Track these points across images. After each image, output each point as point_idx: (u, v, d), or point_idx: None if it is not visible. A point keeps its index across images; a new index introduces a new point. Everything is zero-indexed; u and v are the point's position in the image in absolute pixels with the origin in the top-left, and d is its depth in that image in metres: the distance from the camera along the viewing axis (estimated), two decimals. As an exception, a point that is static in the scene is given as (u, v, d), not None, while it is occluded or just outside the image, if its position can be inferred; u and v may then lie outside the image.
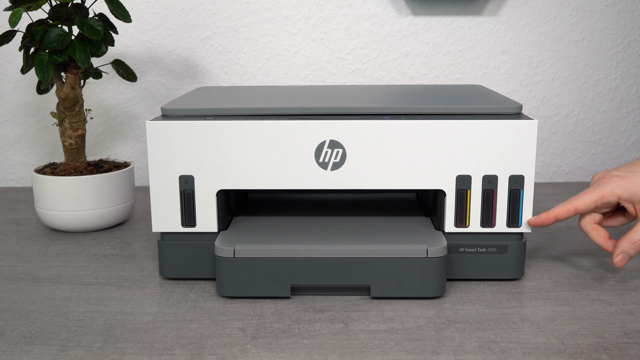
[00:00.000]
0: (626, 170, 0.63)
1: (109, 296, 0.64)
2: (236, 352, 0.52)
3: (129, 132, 1.09)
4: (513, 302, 0.61)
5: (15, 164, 1.11)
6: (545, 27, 1.05)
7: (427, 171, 0.62)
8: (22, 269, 0.71)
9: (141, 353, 0.52)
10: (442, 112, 0.63)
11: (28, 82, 1.07)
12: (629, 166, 0.64)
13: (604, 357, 0.50)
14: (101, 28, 0.77)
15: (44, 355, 0.52)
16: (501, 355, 0.51)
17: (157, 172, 0.63)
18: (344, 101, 0.68)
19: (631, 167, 0.63)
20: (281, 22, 1.04)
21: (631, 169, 0.63)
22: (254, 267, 0.61)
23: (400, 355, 0.51)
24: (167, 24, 1.05)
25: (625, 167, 0.64)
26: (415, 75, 1.06)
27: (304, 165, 0.62)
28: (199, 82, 1.07)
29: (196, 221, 0.64)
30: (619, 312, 0.59)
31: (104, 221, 0.84)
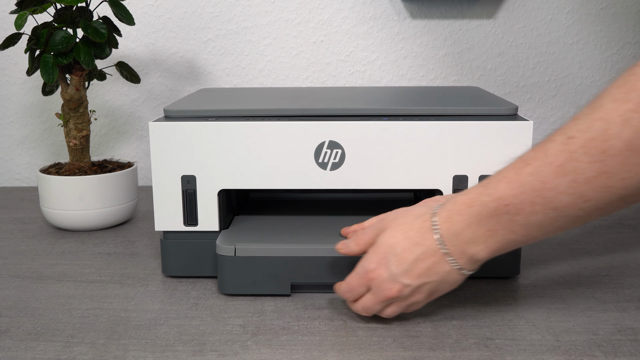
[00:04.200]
0: (443, 198, 0.59)
1: (112, 294, 0.64)
2: (237, 349, 0.53)
3: (132, 133, 1.10)
4: (509, 300, 0.61)
5: (21, 164, 1.12)
6: (541, 30, 1.05)
7: (424, 171, 0.63)
8: (27, 267, 0.72)
9: (144, 349, 0.53)
10: (439, 113, 0.64)
11: (33, 83, 1.08)
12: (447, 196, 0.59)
13: (597, 354, 0.51)
14: (105, 31, 0.78)
15: (49, 352, 0.52)
16: (497, 352, 0.51)
17: (159, 172, 0.64)
18: (343, 102, 0.69)
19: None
20: (282, 25, 1.05)
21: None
22: (255, 265, 0.62)
23: (398, 351, 0.52)
24: (170, 26, 1.06)
25: (443, 196, 0.61)
26: (414, 77, 1.07)
27: (304, 166, 0.63)
28: (201, 84, 1.08)
29: (198, 220, 0.65)
30: (613, 309, 0.59)
31: (107, 220, 0.85)
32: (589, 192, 0.44)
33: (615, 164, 0.42)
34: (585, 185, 0.44)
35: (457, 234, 0.50)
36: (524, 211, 0.47)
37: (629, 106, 0.41)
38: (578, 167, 0.43)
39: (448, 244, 0.51)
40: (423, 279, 0.52)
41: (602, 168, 0.43)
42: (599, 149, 0.42)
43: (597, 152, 0.42)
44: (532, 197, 0.46)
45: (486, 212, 0.48)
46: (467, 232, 0.50)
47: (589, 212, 0.45)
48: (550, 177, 0.45)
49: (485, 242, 0.50)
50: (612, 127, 0.41)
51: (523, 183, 0.46)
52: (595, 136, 0.42)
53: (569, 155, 0.44)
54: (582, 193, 0.44)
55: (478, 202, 0.49)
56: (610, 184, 0.43)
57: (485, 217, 0.48)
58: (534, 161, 0.46)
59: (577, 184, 0.44)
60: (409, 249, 0.52)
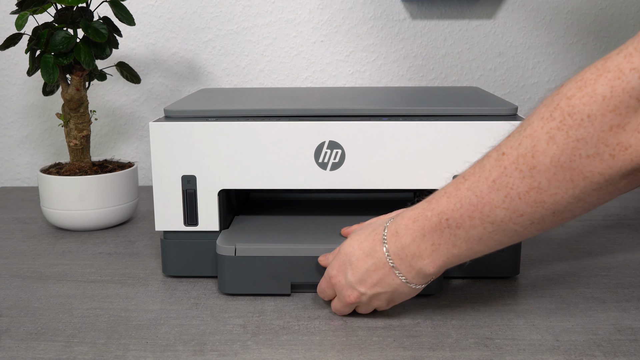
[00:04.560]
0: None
1: (112, 293, 0.64)
2: (237, 349, 0.53)
3: (132, 133, 1.10)
4: (508, 300, 0.62)
5: (21, 164, 1.12)
6: (540, 30, 1.06)
7: (424, 171, 0.63)
8: (28, 267, 0.72)
9: (144, 349, 0.53)
10: (439, 113, 0.64)
11: (34, 84, 1.08)
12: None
13: (597, 354, 0.51)
14: (105, 31, 0.78)
15: (49, 351, 0.53)
16: (496, 352, 0.52)
17: (160, 172, 0.64)
18: (343, 102, 0.69)
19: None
20: (282, 25, 1.05)
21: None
22: (255, 265, 0.62)
23: (397, 351, 0.52)
24: (171, 26, 1.06)
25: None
26: (413, 77, 1.07)
27: (304, 166, 0.63)
28: (202, 84, 1.08)
29: (198, 220, 0.65)
30: (612, 309, 0.59)
31: (108, 220, 0.85)
32: (522, 206, 0.45)
33: (544, 180, 0.43)
34: (518, 200, 0.45)
35: (403, 248, 0.51)
36: (464, 225, 0.48)
37: (554, 124, 0.42)
38: (510, 183, 0.45)
39: (394, 257, 0.52)
40: (377, 288, 0.54)
41: (533, 183, 0.44)
42: (528, 165, 0.44)
43: (527, 168, 0.44)
44: (470, 211, 0.47)
45: (429, 227, 0.50)
46: (412, 246, 0.51)
47: (525, 226, 0.46)
48: (485, 192, 0.46)
49: (430, 256, 0.51)
50: (539, 144, 0.43)
51: (461, 198, 0.48)
52: (524, 152, 0.44)
53: (502, 171, 0.45)
54: (516, 208, 0.45)
55: (422, 216, 0.50)
56: (541, 199, 0.44)
57: (428, 231, 0.50)
58: (471, 176, 0.48)
59: (510, 199, 0.45)
60: (362, 259, 0.53)
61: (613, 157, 0.41)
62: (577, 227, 0.84)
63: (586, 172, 0.42)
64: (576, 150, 0.42)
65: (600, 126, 0.40)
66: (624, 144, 0.40)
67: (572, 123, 0.41)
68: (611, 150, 0.41)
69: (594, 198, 0.44)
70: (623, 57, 0.39)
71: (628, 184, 0.43)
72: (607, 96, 0.40)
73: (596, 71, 0.41)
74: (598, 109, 0.40)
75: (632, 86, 0.39)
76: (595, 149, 0.41)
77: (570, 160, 0.42)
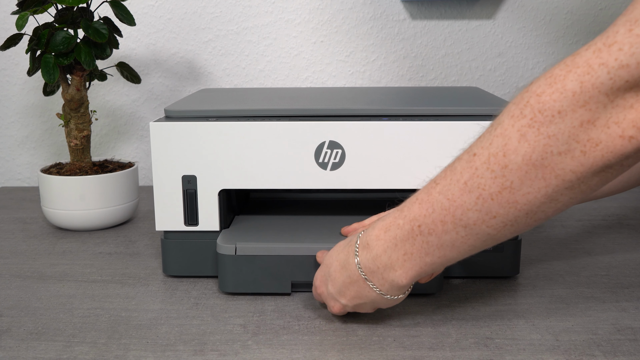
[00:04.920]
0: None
1: (113, 293, 0.64)
2: (237, 348, 0.53)
3: (133, 133, 1.11)
4: (508, 300, 0.62)
5: (22, 164, 1.12)
6: (540, 30, 1.06)
7: (424, 171, 0.63)
8: (28, 267, 0.72)
9: (145, 349, 0.53)
10: (439, 113, 0.64)
11: (34, 84, 1.08)
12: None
13: (597, 354, 0.51)
14: (106, 31, 0.78)
15: (50, 351, 0.53)
16: (496, 351, 0.52)
17: (160, 172, 0.64)
18: (343, 102, 0.69)
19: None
20: (282, 26, 1.06)
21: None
22: (255, 264, 0.62)
23: (398, 351, 0.52)
24: (171, 27, 1.06)
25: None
26: (413, 77, 1.07)
27: (304, 165, 0.63)
28: (202, 84, 1.08)
29: (199, 220, 0.65)
30: (612, 309, 0.59)
31: (108, 220, 0.85)
32: (495, 208, 0.44)
33: (517, 179, 0.43)
34: (490, 201, 0.44)
35: (374, 260, 0.51)
36: (436, 231, 0.47)
37: (524, 122, 0.42)
38: (482, 183, 0.44)
39: (366, 270, 0.51)
40: (357, 300, 0.53)
41: (505, 183, 0.43)
42: (500, 164, 0.43)
43: (499, 167, 0.43)
44: (442, 215, 0.46)
45: (401, 235, 0.49)
46: (384, 257, 0.50)
47: (498, 229, 0.45)
48: (457, 195, 0.45)
49: (402, 266, 0.50)
50: (510, 143, 0.42)
51: (433, 202, 0.47)
52: (495, 152, 0.43)
53: (474, 172, 0.44)
54: (489, 209, 0.45)
55: (394, 225, 0.50)
56: (514, 199, 0.44)
57: (400, 240, 0.49)
58: (442, 180, 0.47)
59: (482, 200, 0.44)
60: (338, 272, 0.53)
61: (584, 154, 0.40)
62: (577, 227, 0.84)
63: (558, 170, 0.42)
64: (548, 148, 0.41)
65: (571, 122, 0.40)
66: (595, 140, 0.40)
67: (543, 120, 0.41)
68: (582, 146, 0.40)
69: (566, 197, 0.43)
70: (592, 52, 0.39)
71: (599, 181, 0.42)
72: (576, 92, 0.39)
73: (565, 67, 0.40)
74: (568, 104, 0.40)
75: (600, 81, 0.39)
76: (566, 145, 0.41)
77: (542, 158, 0.42)
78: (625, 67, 0.38)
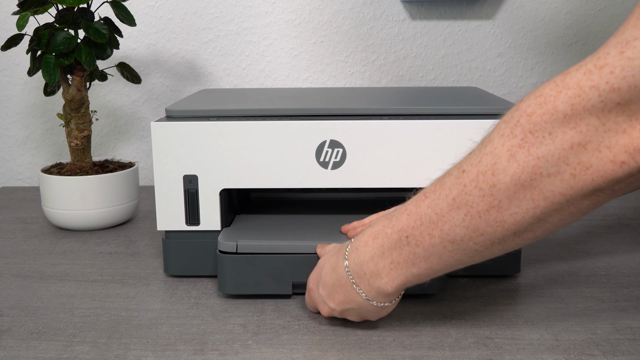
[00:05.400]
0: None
1: (113, 293, 0.65)
2: (237, 348, 0.53)
3: (133, 133, 1.11)
4: (508, 299, 0.62)
5: (22, 164, 1.12)
6: (540, 31, 1.06)
7: (424, 170, 0.63)
8: (29, 267, 0.72)
9: (145, 349, 0.53)
10: (439, 112, 0.64)
11: (35, 84, 1.08)
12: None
13: (596, 353, 0.51)
14: (106, 31, 0.79)
15: (50, 351, 0.53)
16: (496, 351, 0.52)
17: (161, 171, 0.64)
18: (344, 102, 0.69)
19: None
20: (282, 26, 1.06)
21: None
22: (255, 264, 0.61)
23: (397, 350, 0.52)
24: (171, 27, 1.06)
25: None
26: (413, 77, 1.08)
27: (305, 165, 0.63)
28: (202, 84, 1.08)
29: (200, 220, 0.65)
30: (611, 308, 0.60)
31: (109, 220, 0.85)
32: (482, 225, 0.44)
33: (505, 199, 0.42)
34: (478, 219, 0.44)
35: (362, 265, 0.51)
36: (423, 243, 0.47)
37: (515, 142, 0.41)
38: (470, 201, 0.44)
39: (354, 274, 0.51)
40: (344, 305, 0.53)
41: (493, 202, 0.43)
42: (488, 183, 0.43)
43: (487, 186, 0.43)
44: (429, 229, 0.46)
45: (388, 244, 0.49)
46: (371, 263, 0.50)
47: (486, 246, 0.45)
48: (445, 210, 0.45)
49: (389, 274, 0.50)
50: (500, 162, 0.42)
51: (421, 215, 0.47)
52: (484, 170, 0.43)
53: (462, 189, 0.44)
54: (476, 227, 0.44)
55: (382, 233, 0.50)
56: (501, 218, 0.43)
57: (387, 248, 0.49)
58: (431, 194, 0.47)
59: (470, 217, 0.44)
60: (329, 274, 0.53)
61: (574, 177, 0.40)
62: (577, 227, 0.84)
63: (547, 192, 0.41)
64: (537, 169, 0.41)
65: (561, 144, 0.39)
66: (585, 164, 0.39)
67: (534, 141, 0.40)
68: (572, 169, 0.40)
69: (555, 219, 0.43)
70: (582, 74, 0.38)
71: (590, 205, 0.42)
72: (567, 114, 0.39)
73: (556, 87, 0.40)
74: (559, 126, 0.39)
75: (592, 104, 0.38)
76: (556, 167, 0.40)
77: (531, 179, 0.41)
78: (616, 91, 0.37)
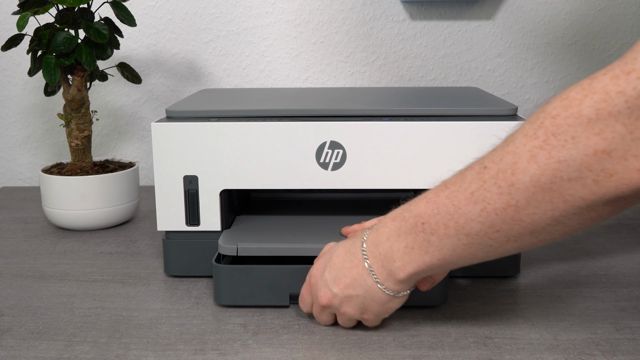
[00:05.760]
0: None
1: (114, 293, 0.65)
2: (238, 348, 0.53)
3: (134, 133, 1.11)
4: (508, 299, 0.62)
5: (23, 164, 1.12)
6: (539, 31, 1.06)
7: (424, 171, 0.63)
8: (29, 267, 0.72)
9: (145, 348, 0.53)
10: (439, 113, 0.64)
11: (35, 84, 1.08)
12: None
13: (596, 353, 0.51)
14: (107, 32, 0.79)
15: (51, 350, 0.53)
16: (495, 351, 0.52)
17: (162, 172, 0.64)
18: (344, 103, 0.70)
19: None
20: (282, 26, 1.06)
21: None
22: (253, 274, 0.59)
23: (397, 350, 0.52)
24: (171, 27, 1.06)
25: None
26: (413, 77, 1.08)
27: (305, 166, 0.63)
28: (202, 85, 1.08)
29: (200, 220, 0.66)
30: (611, 308, 0.60)
31: (109, 220, 0.85)
32: (498, 222, 0.44)
33: (523, 199, 0.42)
34: (494, 216, 0.44)
35: (377, 244, 0.51)
36: (438, 232, 0.47)
37: (537, 142, 0.41)
38: (488, 197, 0.44)
39: (369, 254, 0.51)
40: (349, 290, 0.52)
41: (511, 201, 0.43)
42: (507, 181, 0.43)
43: (506, 184, 0.43)
44: (445, 219, 0.47)
45: (405, 227, 0.49)
46: (386, 244, 0.50)
47: (501, 243, 0.45)
48: (462, 203, 0.45)
49: (402, 258, 0.49)
50: (520, 162, 0.42)
51: (439, 204, 0.47)
52: (505, 168, 0.43)
53: (481, 184, 0.44)
54: (492, 223, 0.44)
55: (400, 216, 0.50)
56: (518, 217, 0.43)
57: (404, 232, 0.49)
58: (452, 185, 0.47)
59: (487, 213, 0.44)
60: (341, 256, 0.53)
61: (596, 183, 0.39)
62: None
63: (567, 196, 0.41)
64: (557, 172, 0.40)
65: (584, 150, 0.39)
66: (609, 171, 0.39)
67: (556, 143, 0.40)
68: (595, 175, 0.39)
69: (574, 222, 0.42)
70: (609, 78, 0.38)
71: (612, 211, 0.41)
72: (592, 119, 0.38)
73: (582, 91, 0.39)
74: (583, 131, 0.39)
75: (618, 110, 0.37)
76: (577, 172, 0.39)
77: (550, 182, 0.41)
78: None
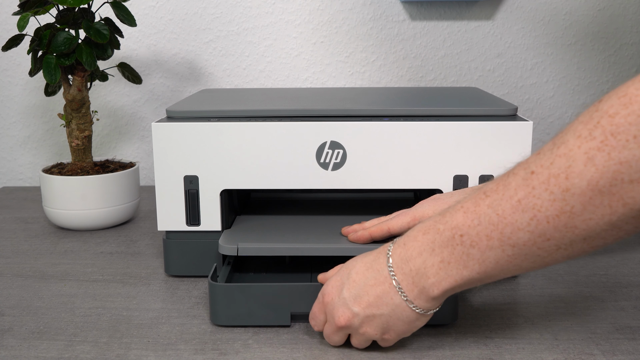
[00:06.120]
0: (444, 195, 0.60)
1: (114, 293, 0.65)
2: (238, 347, 0.53)
3: (134, 133, 1.11)
4: (508, 299, 0.62)
5: (23, 164, 1.12)
6: (539, 31, 1.06)
7: (425, 171, 0.63)
8: (30, 266, 0.72)
9: (146, 348, 0.53)
10: (439, 113, 0.64)
11: (36, 84, 1.08)
12: (449, 194, 0.60)
13: (595, 353, 0.51)
14: (107, 32, 0.79)
15: (52, 350, 0.53)
16: (495, 350, 0.52)
17: (162, 172, 0.64)
18: (344, 103, 0.70)
19: (451, 194, 0.60)
20: (282, 26, 1.06)
21: (450, 194, 0.59)
22: (251, 293, 0.56)
23: (397, 350, 0.52)
24: (172, 27, 1.06)
25: (445, 194, 0.60)
26: (413, 77, 1.08)
27: (306, 166, 0.63)
28: (203, 85, 1.08)
29: (200, 220, 0.66)
30: (611, 308, 0.60)
31: (110, 220, 0.85)
32: (550, 231, 0.41)
33: (579, 204, 0.39)
34: (545, 224, 0.41)
35: (408, 261, 0.47)
36: (480, 244, 0.44)
37: (593, 144, 0.38)
38: (538, 204, 0.41)
39: (397, 270, 0.47)
40: (372, 309, 0.48)
41: (565, 207, 0.40)
42: (561, 187, 0.40)
43: (559, 190, 0.40)
44: (488, 230, 0.43)
45: (440, 241, 0.45)
46: (419, 260, 0.46)
47: (551, 252, 0.42)
48: (508, 212, 0.42)
49: (437, 274, 0.46)
50: (575, 165, 0.39)
51: (480, 214, 0.44)
52: (557, 173, 0.40)
53: (530, 191, 0.41)
54: (543, 232, 0.41)
55: (433, 229, 0.46)
56: (572, 224, 0.40)
57: (439, 245, 0.45)
58: (493, 194, 0.43)
59: (537, 222, 0.41)
60: (362, 273, 0.49)
61: None
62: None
63: (627, 198, 0.38)
64: (618, 175, 0.38)
65: None
66: None
67: (616, 144, 0.37)
68: None
69: (631, 226, 0.40)
70: None
71: None
72: None
73: None
74: None
75: None
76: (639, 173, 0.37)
77: (610, 185, 0.38)
78: None
